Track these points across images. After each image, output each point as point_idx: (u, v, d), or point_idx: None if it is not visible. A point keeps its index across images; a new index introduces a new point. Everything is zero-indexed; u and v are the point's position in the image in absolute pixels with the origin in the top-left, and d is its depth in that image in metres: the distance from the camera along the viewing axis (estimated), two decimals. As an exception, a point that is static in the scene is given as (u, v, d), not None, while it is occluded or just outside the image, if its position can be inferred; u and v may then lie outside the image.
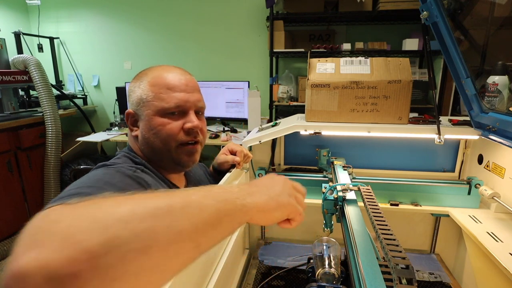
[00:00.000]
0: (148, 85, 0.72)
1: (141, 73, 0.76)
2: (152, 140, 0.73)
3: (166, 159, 0.75)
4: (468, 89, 1.02)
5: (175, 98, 0.72)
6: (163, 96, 0.71)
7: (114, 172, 0.63)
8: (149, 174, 0.72)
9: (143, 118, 0.73)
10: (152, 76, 0.73)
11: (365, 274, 0.48)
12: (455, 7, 1.11)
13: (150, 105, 0.71)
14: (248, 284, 1.04)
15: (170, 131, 0.72)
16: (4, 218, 2.29)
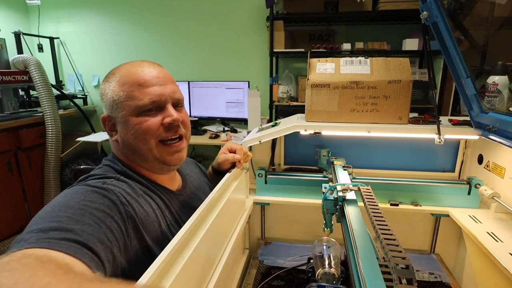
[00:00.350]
0: (118, 85, 0.67)
1: (109, 73, 0.71)
2: (132, 142, 0.68)
3: (150, 159, 0.70)
4: (468, 89, 1.02)
5: (148, 94, 0.67)
6: (135, 94, 0.66)
7: (78, 190, 0.59)
8: (128, 182, 0.68)
9: (119, 121, 0.68)
10: (120, 75, 0.68)
11: (365, 274, 0.48)
12: (455, 7, 1.11)
13: (124, 105, 0.67)
14: (248, 284, 1.04)
15: (148, 128, 0.67)
16: (4, 218, 2.28)
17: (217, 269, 0.77)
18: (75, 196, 0.56)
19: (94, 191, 0.59)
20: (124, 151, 0.72)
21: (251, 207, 1.18)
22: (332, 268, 0.86)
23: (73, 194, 0.57)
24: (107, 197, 0.59)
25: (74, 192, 0.58)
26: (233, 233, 0.95)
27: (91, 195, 0.58)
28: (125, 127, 0.68)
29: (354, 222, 0.66)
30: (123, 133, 0.69)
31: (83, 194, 0.57)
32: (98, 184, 0.61)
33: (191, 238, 0.63)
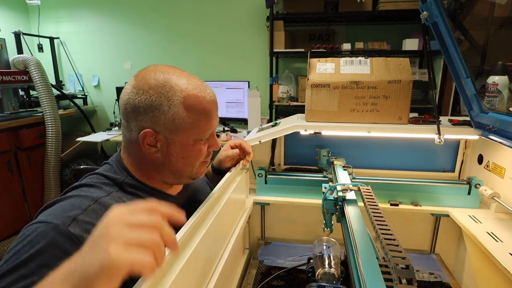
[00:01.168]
0: (183, 108, 0.63)
1: (163, 85, 0.63)
2: (176, 164, 0.68)
3: (183, 178, 0.72)
4: (468, 89, 1.02)
5: (211, 127, 0.68)
6: (201, 124, 0.66)
7: (41, 238, 0.52)
8: (119, 200, 0.64)
9: (172, 143, 0.65)
10: (184, 96, 0.63)
11: (365, 274, 0.48)
12: (455, 7, 1.11)
13: (186, 132, 0.64)
14: (248, 284, 1.04)
15: (200, 156, 0.70)
16: (4, 218, 2.29)
17: (217, 269, 0.77)
18: (37, 249, 0.51)
19: (58, 246, 0.51)
20: (159, 167, 0.69)
21: (251, 207, 1.18)
22: (332, 268, 0.86)
23: (36, 244, 0.51)
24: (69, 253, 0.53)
25: (37, 240, 0.52)
26: (233, 233, 0.95)
27: (53, 252, 0.51)
28: (177, 150, 0.66)
29: (354, 222, 0.66)
30: (171, 154, 0.66)
31: (45, 253, 0.51)
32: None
33: (191, 238, 0.63)
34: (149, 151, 0.66)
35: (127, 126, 0.66)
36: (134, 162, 0.70)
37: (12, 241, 2.29)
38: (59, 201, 0.60)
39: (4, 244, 2.26)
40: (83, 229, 0.54)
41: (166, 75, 0.64)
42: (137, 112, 0.63)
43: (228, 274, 0.98)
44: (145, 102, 0.62)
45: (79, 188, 0.64)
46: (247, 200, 1.21)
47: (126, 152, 0.70)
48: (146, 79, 0.64)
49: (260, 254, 1.21)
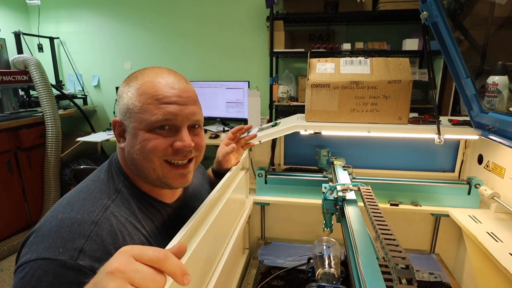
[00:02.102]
0: (136, 93, 0.62)
1: (132, 76, 0.66)
2: (136, 157, 0.63)
3: (152, 178, 0.65)
4: (468, 89, 1.02)
5: (163, 110, 0.61)
6: (150, 107, 0.61)
7: (42, 276, 0.49)
8: (115, 216, 0.61)
9: (129, 131, 0.63)
10: (141, 82, 0.63)
11: (365, 274, 0.48)
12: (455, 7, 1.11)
13: (137, 117, 0.61)
14: (248, 284, 1.04)
15: (154, 147, 0.62)
16: (4, 218, 2.29)
17: (217, 269, 0.77)
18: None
19: (71, 283, 0.50)
20: (128, 162, 0.67)
21: (251, 207, 1.18)
22: (332, 268, 0.86)
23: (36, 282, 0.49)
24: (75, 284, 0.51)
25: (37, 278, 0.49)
26: (233, 233, 0.95)
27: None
28: (132, 139, 0.63)
29: (354, 222, 0.66)
30: (130, 145, 0.64)
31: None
32: (80, 262, 0.51)
33: (191, 238, 0.63)
34: (119, 142, 0.67)
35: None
36: (124, 162, 0.69)
37: (12, 241, 2.30)
38: (52, 222, 0.55)
39: (4, 244, 2.26)
40: (92, 259, 0.52)
41: (144, 70, 0.66)
42: (118, 103, 0.67)
43: (228, 274, 0.98)
44: (118, 94, 0.67)
45: (73, 202, 0.59)
46: (247, 200, 1.21)
47: (119, 151, 0.71)
48: (131, 76, 0.67)
49: (260, 254, 1.21)
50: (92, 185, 0.64)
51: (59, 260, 0.50)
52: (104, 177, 0.66)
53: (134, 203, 0.66)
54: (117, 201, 0.63)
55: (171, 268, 0.37)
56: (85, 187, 0.64)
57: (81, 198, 0.60)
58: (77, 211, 0.57)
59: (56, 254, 0.50)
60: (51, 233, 0.53)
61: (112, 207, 0.61)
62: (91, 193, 0.62)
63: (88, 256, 0.52)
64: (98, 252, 0.53)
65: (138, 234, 0.62)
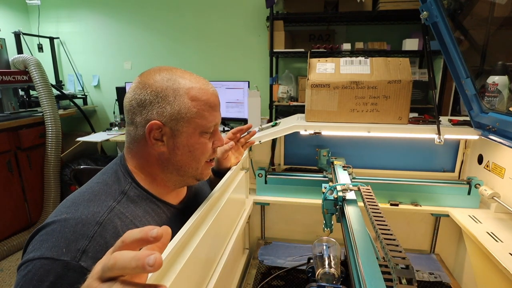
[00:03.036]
0: (188, 98, 0.64)
1: (168, 79, 0.65)
2: (182, 158, 0.67)
3: (187, 176, 0.70)
4: (468, 89, 1.02)
5: (215, 118, 0.69)
6: (206, 114, 0.67)
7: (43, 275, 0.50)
8: (119, 216, 0.61)
9: (178, 134, 0.65)
10: (188, 88, 0.65)
11: (365, 274, 0.48)
12: (455, 7, 1.11)
13: (192, 121, 0.65)
14: (248, 284, 1.04)
15: (206, 150, 0.69)
16: (4, 218, 2.29)
17: (217, 269, 0.77)
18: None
19: (72, 284, 0.50)
20: (157, 164, 0.67)
21: (251, 207, 1.18)
22: (332, 268, 0.86)
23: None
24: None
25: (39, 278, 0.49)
26: (233, 233, 0.95)
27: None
28: (183, 141, 0.66)
29: (354, 222, 0.66)
30: (177, 148, 0.66)
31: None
32: (82, 263, 0.51)
33: (191, 238, 0.63)
34: (155, 145, 0.65)
35: (132, 123, 0.66)
36: (138, 164, 0.69)
37: (12, 241, 2.30)
38: (56, 222, 0.55)
39: (4, 244, 2.26)
40: (94, 260, 0.51)
41: (170, 72, 0.67)
42: (143, 106, 0.64)
43: (228, 274, 0.98)
44: (151, 95, 0.63)
45: (79, 203, 0.60)
46: (247, 200, 1.21)
47: (130, 154, 0.69)
48: (151, 75, 0.65)
49: (260, 254, 1.21)
50: (97, 187, 0.64)
51: (61, 260, 0.50)
52: (109, 180, 0.66)
53: (140, 205, 0.66)
54: (122, 203, 0.63)
55: (124, 265, 0.32)
56: (89, 189, 0.64)
57: (86, 199, 0.60)
58: (81, 211, 0.57)
59: (59, 254, 0.51)
60: (55, 232, 0.53)
61: (117, 209, 0.61)
62: (96, 194, 0.62)
63: (90, 257, 0.52)
64: (101, 253, 0.52)
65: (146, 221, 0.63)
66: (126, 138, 0.69)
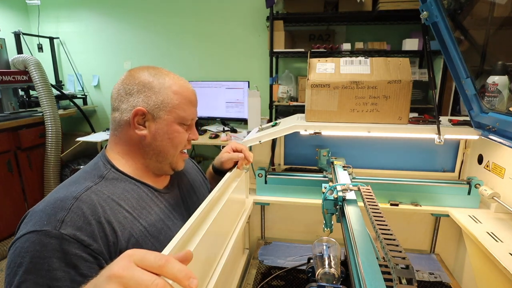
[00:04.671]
0: (172, 92, 0.74)
1: (155, 74, 0.75)
2: (162, 143, 0.75)
3: (165, 162, 0.78)
4: (468, 89, 1.02)
5: (193, 112, 0.79)
6: (186, 108, 0.76)
7: (33, 249, 0.55)
8: (101, 192, 0.67)
9: (159, 121, 0.74)
10: (172, 83, 0.75)
11: (365, 274, 0.48)
12: (455, 7, 1.11)
13: (173, 111, 0.74)
14: (248, 284, 1.04)
15: (182, 139, 0.78)
16: (4, 218, 2.29)
17: (217, 269, 0.77)
18: (39, 256, 0.54)
19: (56, 250, 0.55)
20: (139, 147, 0.75)
21: (251, 207, 1.18)
22: (332, 268, 0.86)
23: (30, 258, 0.54)
24: (65, 253, 0.56)
25: (30, 254, 0.55)
26: (233, 233, 0.95)
27: (56, 255, 0.55)
28: (164, 128, 0.74)
29: (354, 222, 0.66)
30: (157, 132, 0.74)
31: (48, 259, 0.54)
32: (62, 231, 0.56)
33: (191, 238, 0.63)
34: (137, 131, 0.73)
35: (118, 109, 0.75)
36: (120, 149, 0.76)
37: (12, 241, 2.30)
38: (39, 205, 0.62)
39: (4, 244, 2.26)
40: (74, 228, 0.58)
41: (156, 70, 0.77)
42: (130, 94, 0.73)
43: (228, 274, 0.98)
44: (139, 85, 0.73)
45: (59, 189, 0.67)
46: (247, 200, 1.21)
47: (113, 140, 0.78)
48: (140, 71, 0.75)
49: (260, 254, 1.21)
50: (77, 175, 0.72)
51: (43, 230, 0.56)
52: (89, 169, 0.73)
53: (119, 185, 0.71)
54: (100, 184, 0.69)
55: (172, 272, 0.37)
56: (71, 178, 0.72)
57: (66, 185, 0.68)
58: (61, 192, 0.64)
59: (41, 226, 0.57)
60: (38, 212, 0.60)
61: (94, 187, 0.67)
62: (75, 181, 0.69)
63: (69, 225, 0.57)
64: (79, 222, 0.59)
65: (121, 210, 0.67)
66: (111, 125, 0.78)
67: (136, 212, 0.70)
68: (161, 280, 0.36)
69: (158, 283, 0.35)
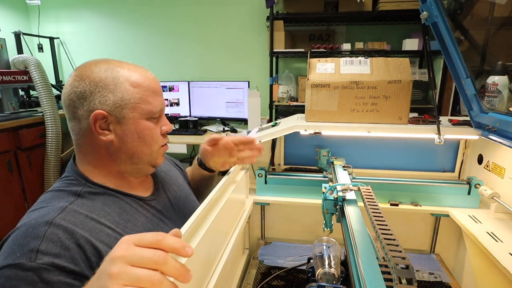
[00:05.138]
0: (130, 86, 0.65)
1: (106, 69, 0.65)
2: (133, 144, 0.67)
3: (142, 162, 0.70)
4: (468, 89, 1.02)
5: (160, 103, 0.69)
6: (150, 99, 0.67)
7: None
8: (77, 212, 0.61)
9: (125, 122, 0.65)
10: (128, 75, 0.65)
11: (365, 274, 0.48)
12: (455, 7, 1.11)
13: (137, 107, 0.65)
14: (248, 284, 1.04)
15: (156, 135, 0.70)
16: (4, 218, 2.29)
17: (217, 269, 0.77)
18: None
19: (34, 283, 0.50)
20: (109, 154, 0.67)
21: (251, 207, 1.18)
22: (332, 268, 0.86)
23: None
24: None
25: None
26: (233, 233, 0.95)
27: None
28: (131, 128, 0.66)
29: (354, 222, 0.66)
30: (125, 134, 0.65)
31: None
32: (38, 261, 0.51)
33: (191, 238, 0.63)
34: (102, 137, 0.64)
35: (74, 117, 0.65)
36: (90, 161, 0.68)
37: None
38: (11, 234, 0.57)
39: (4, 244, 2.26)
40: (51, 256, 0.52)
41: (107, 63, 0.67)
42: (83, 98, 0.63)
43: (228, 274, 0.98)
44: (90, 85, 0.63)
45: (31, 212, 0.60)
46: (247, 200, 1.21)
47: (80, 152, 0.68)
48: (88, 68, 0.66)
49: (260, 254, 1.21)
50: (50, 195, 0.64)
51: (17, 263, 0.51)
52: (61, 187, 0.65)
53: (97, 200, 0.65)
54: (76, 203, 0.62)
55: (170, 244, 0.40)
56: (42, 199, 0.64)
57: (38, 208, 0.61)
58: (32, 218, 0.58)
59: (14, 259, 0.52)
60: (9, 243, 0.55)
61: (70, 208, 0.60)
62: (48, 202, 0.62)
63: (46, 254, 0.52)
64: (56, 249, 0.53)
65: (102, 228, 0.61)
66: (72, 136, 0.68)
67: (120, 227, 0.64)
68: (162, 252, 0.39)
69: (159, 254, 0.38)
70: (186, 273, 0.39)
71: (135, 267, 0.37)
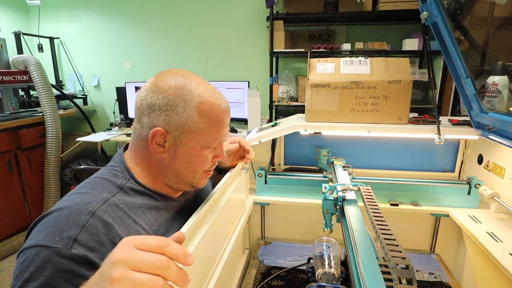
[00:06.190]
0: (197, 112, 0.64)
1: (182, 88, 0.64)
2: (180, 167, 0.68)
3: (184, 184, 0.72)
4: (468, 89, 1.02)
5: (221, 136, 0.69)
6: (212, 132, 0.66)
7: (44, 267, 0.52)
8: (118, 206, 0.63)
9: (181, 145, 0.66)
10: (200, 101, 0.64)
11: (365, 274, 0.49)
12: (455, 7, 1.11)
13: (196, 136, 0.65)
14: (248, 284, 1.04)
15: (205, 163, 0.70)
16: (4, 218, 2.29)
17: (217, 269, 0.77)
18: (47, 276, 0.51)
19: (65, 271, 0.52)
20: (157, 166, 0.69)
21: (251, 207, 1.18)
22: (332, 268, 0.86)
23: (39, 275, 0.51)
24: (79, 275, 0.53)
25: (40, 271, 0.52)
26: (233, 233, 0.95)
27: (63, 277, 0.52)
28: (184, 153, 0.67)
29: (354, 222, 0.66)
30: (177, 157, 0.67)
31: (56, 279, 0.51)
32: (73, 251, 0.53)
33: (191, 238, 0.63)
34: (156, 150, 0.66)
35: (139, 121, 0.66)
36: (139, 161, 0.70)
37: (12, 241, 2.30)
38: (53, 212, 0.58)
39: (4, 244, 2.26)
40: (85, 248, 0.54)
41: (186, 79, 0.66)
42: (152, 109, 0.64)
43: (228, 274, 0.98)
44: (162, 101, 0.63)
45: (75, 194, 0.62)
46: (247, 200, 1.21)
47: (133, 149, 0.70)
48: (166, 80, 0.65)
49: (260, 254, 1.21)
50: (94, 181, 0.66)
51: (54, 247, 0.52)
52: (107, 175, 0.68)
53: (137, 198, 0.67)
54: (118, 196, 0.64)
55: (173, 251, 0.40)
56: (87, 183, 0.66)
57: (82, 192, 0.62)
58: (76, 202, 0.59)
59: (52, 241, 0.53)
60: (51, 222, 0.56)
61: (112, 200, 0.62)
62: (92, 188, 0.63)
63: (81, 245, 0.54)
64: (92, 242, 0.55)
65: (137, 227, 0.63)
66: (132, 134, 0.70)
67: (153, 229, 0.66)
68: (165, 257, 0.38)
69: (162, 259, 0.38)
70: (185, 277, 0.40)
71: (137, 271, 0.37)
